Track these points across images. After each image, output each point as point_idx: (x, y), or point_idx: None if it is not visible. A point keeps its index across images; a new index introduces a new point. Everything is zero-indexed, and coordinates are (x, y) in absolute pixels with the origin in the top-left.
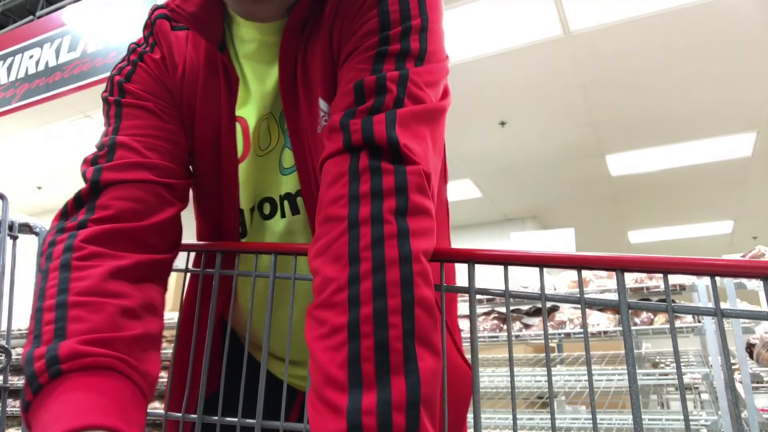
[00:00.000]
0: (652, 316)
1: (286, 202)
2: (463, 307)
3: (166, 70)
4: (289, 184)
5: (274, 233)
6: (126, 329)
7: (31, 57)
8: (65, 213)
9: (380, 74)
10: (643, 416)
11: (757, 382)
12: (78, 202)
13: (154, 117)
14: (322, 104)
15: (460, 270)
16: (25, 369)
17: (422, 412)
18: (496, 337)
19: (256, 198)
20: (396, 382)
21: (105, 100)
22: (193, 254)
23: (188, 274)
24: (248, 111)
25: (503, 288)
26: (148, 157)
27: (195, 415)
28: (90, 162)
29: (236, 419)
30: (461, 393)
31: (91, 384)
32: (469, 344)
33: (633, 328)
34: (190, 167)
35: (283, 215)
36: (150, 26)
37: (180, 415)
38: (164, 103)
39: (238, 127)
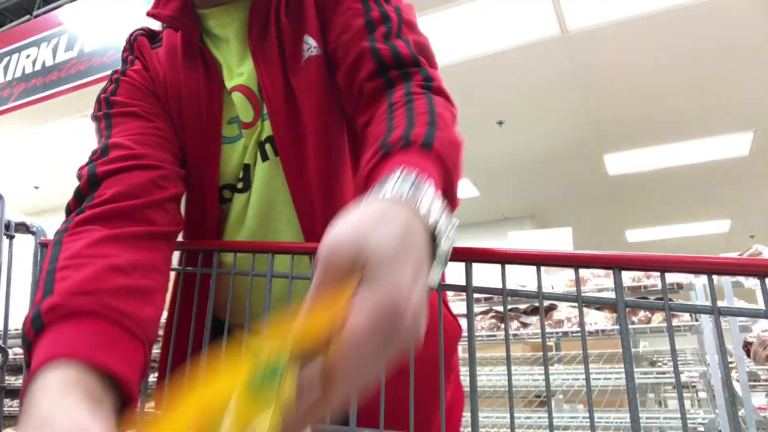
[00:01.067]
0: (649, 315)
1: (268, 145)
2: (460, 306)
3: (150, 78)
4: (267, 131)
5: (258, 178)
6: (112, 281)
7: (28, 56)
8: (68, 211)
9: (381, 7)
10: (640, 415)
11: (754, 381)
12: (78, 196)
13: (142, 119)
14: (309, 40)
15: (459, 268)
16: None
17: (437, 142)
18: (494, 335)
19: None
20: (418, 128)
21: (94, 117)
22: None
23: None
24: (249, 78)
25: (501, 286)
26: (139, 149)
27: None
28: (85, 165)
29: None
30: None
31: (69, 328)
32: (466, 340)
33: (630, 326)
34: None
35: (265, 159)
36: (129, 48)
37: None
38: (150, 106)
39: (240, 97)
